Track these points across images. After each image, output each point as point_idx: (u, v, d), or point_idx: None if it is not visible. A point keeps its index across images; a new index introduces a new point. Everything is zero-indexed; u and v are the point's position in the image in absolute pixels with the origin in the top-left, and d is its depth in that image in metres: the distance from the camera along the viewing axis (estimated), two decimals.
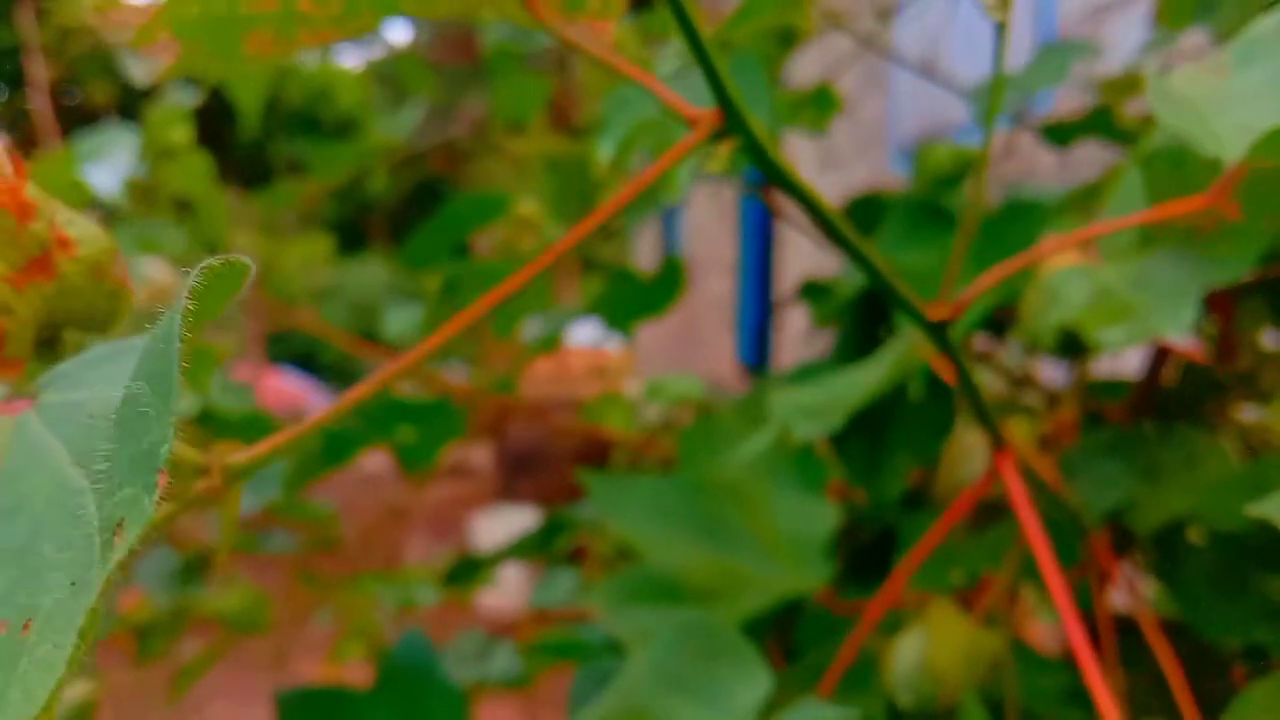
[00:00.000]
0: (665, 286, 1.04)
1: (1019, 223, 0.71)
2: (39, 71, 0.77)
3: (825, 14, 0.81)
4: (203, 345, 0.89)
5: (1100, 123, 0.69)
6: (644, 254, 5.61)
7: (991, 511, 0.60)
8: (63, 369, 0.18)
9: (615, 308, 1.04)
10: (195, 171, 0.78)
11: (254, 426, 0.94)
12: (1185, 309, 0.47)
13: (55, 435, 0.15)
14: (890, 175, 2.74)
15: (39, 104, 0.78)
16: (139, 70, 0.32)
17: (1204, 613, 0.67)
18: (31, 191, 0.21)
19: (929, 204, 0.75)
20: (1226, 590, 0.67)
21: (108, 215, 0.84)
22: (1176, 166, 0.50)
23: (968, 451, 0.58)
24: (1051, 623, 0.82)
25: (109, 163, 0.69)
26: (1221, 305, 0.67)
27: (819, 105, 0.83)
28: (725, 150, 0.27)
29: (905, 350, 0.54)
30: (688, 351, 4.64)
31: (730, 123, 0.27)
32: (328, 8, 0.31)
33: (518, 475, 3.62)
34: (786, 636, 0.74)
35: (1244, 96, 0.37)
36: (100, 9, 0.33)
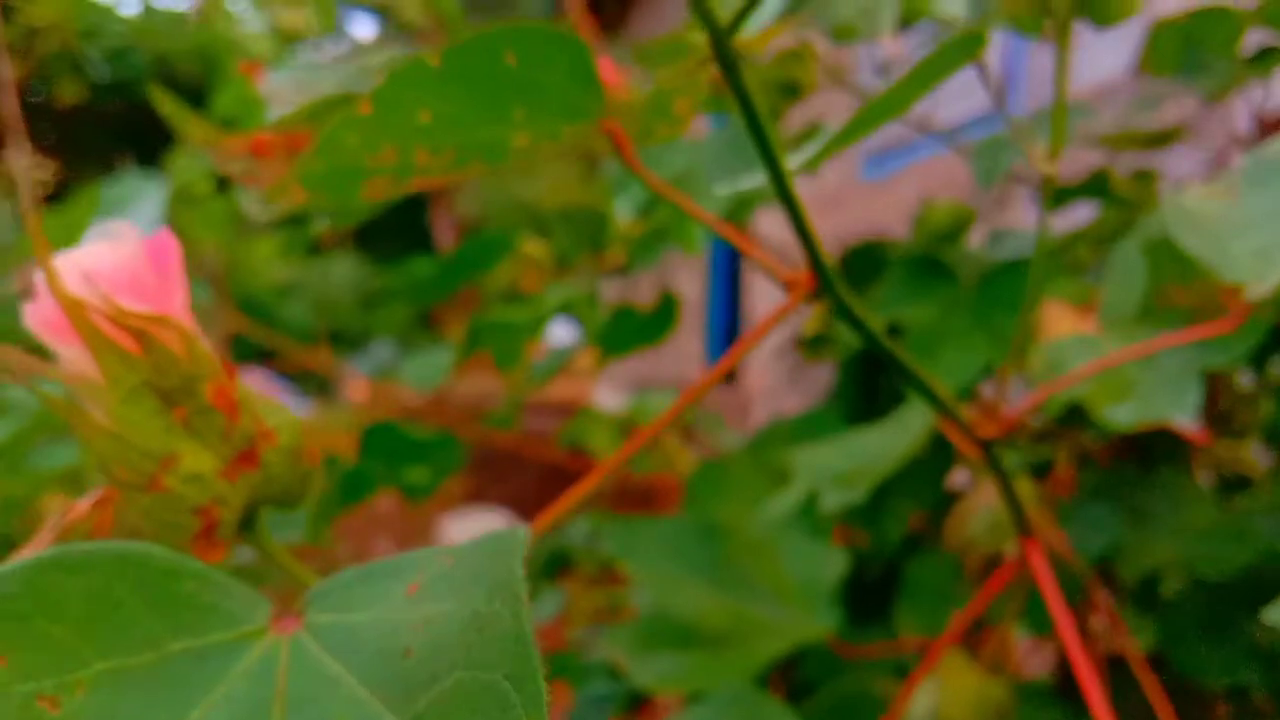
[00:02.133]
0: (661, 320, 1.07)
1: (1016, 281, 0.74)
2: (5, 70, 0.77)
3: (827, 70, 0.84)
4: None
5: (1097, 187, 0.73)
6: None
7: (994, 566, 0.64)
8: (323, 588, 0.20)
9: (614, 340, 1.06)
10: (216, 219, 0.79)
11: None
12: (1189, 392, 0.51)
13: (338, 660, 0.18)
14: (860, 184, 2.79)
15: (5, 103, 0.79)
16: (253, 206, 0.34)
17: (1190, 654, 0.71)
18: (239, 390, 0.23)
19: (928, 259, 0.78)
20: (1211, 633, 0.71)
21: None
22: (1179, 257, 0.54)
23: (975, 510, 0.62)
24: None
25: (136, 213, 0.71)
26: None
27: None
28: (819, 312, 0.30)
29: (928, 424, 0.57)
30: (657, 353, 4.66)
31: (822, 286, 0.30)
32: (441, 159, 0.33)
33: (489, 478, 3.62)
34: (790, 673, 0.77)
35: (1256, 220, 0.40)
36: (208, 141, 0.35)
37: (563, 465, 1.41)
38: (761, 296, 3.57)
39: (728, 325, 3.93)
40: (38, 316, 0.22)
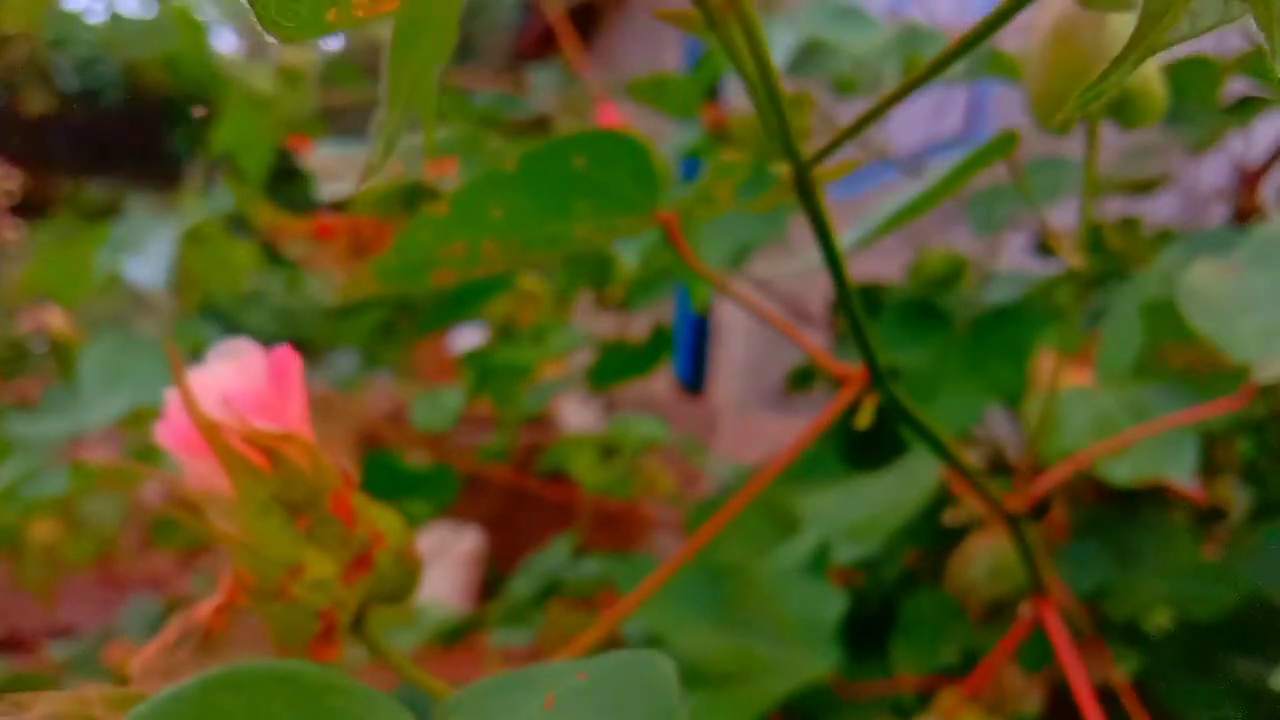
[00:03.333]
0: (652, 352, 1.09)
1: (1009, 328, 0.77)
2: None
3: (822, 118, 0.86)
4: None
5: (1091, 242, 0.75)
6: None
7: (995, 610, 0.66)
8: (459, 700, 0.21)
9: (605, 371, 1.08)
10: (222, 258, 0.80)
11: None
12: (1188, 452, 0.53)
13: None
14: (832, 202, 2.81)
15: None
16: (322, 292, 0.35)
17: (1175, 689, 0.73)
18: (356, 498, 0.25)
19: (923, 303, 0.80)
20: (1196, 670, 0.73)
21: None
22: (1179, 318, 0.56)
23: (976, 554, 0.64)
24: None
25: (148, 254, 0.72)
26: None
27: None
28: (870, 405, 0.32)
29: (937, 476, 0.59)
30: None
31: (875, 381, 0.32)
32: (507, 250, 0.35)
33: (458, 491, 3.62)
34: (792, 712, 0.79)
35: (1259, 299, 0.42)
36: (272, 224, 0.37)
37: (529, 483, 1.42)
38: (728, 312, 3.60)
39: (695, 340, 3.95)
40: (169, 434, 0.23)
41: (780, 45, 0.73)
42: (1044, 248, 0.82)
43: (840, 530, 0.59)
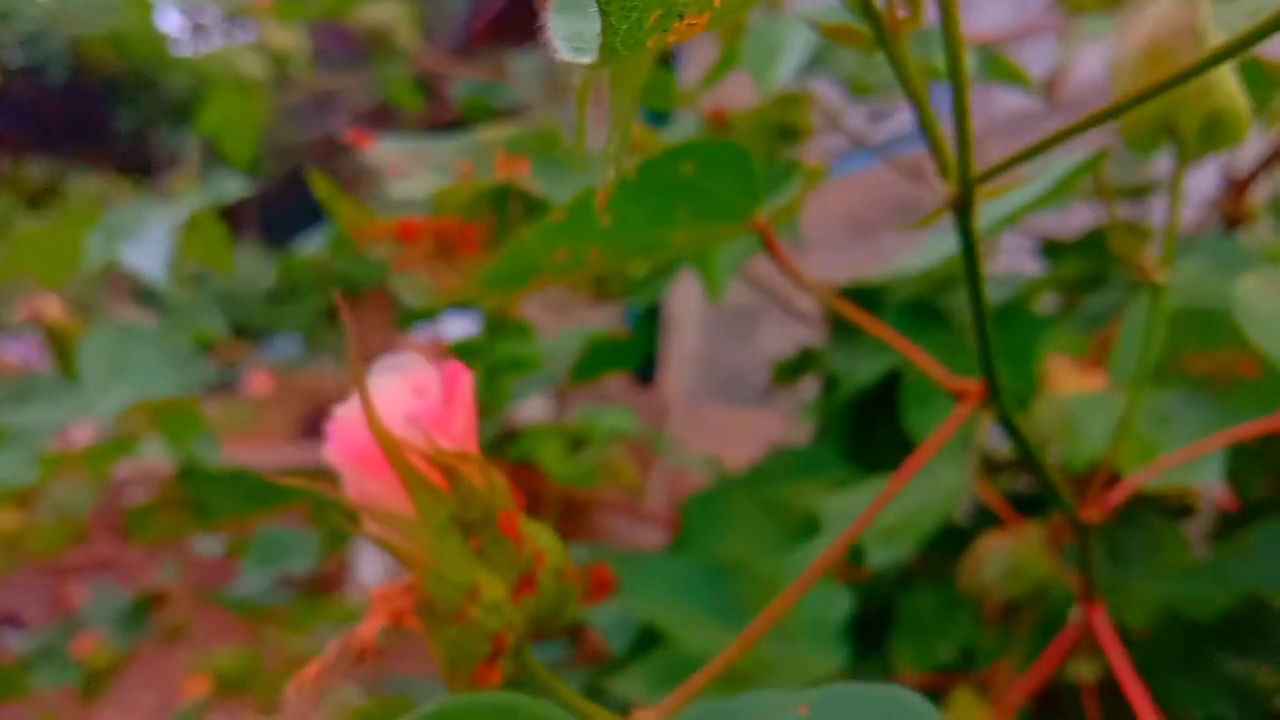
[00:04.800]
0: (638, 346, 1.09)
1: (1011, 330, 0.78)
2: None
3: (823, 114, 0.87)
4: (186, 403, 0.90)
5: (1093, 245, 0.76)
6: None
7: (1010, 610, 0.67)
8: (696, 710, 0.21)
9: (587, 366, 1.07)
10: (212, 241, 0.78)
11: (239, 481, 0.95)
12: (1217, 459, 0.54)
13: None
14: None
15: None
16: (408, 295, 0.34)
17: (1166, 686, 0.75)
18: (521, 520, 0.24)
19: (924, 304, 0.81)
20: (1190, 668, 0.75)
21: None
22: (1203, 326, 0.57)
23: (989, 556, 0.65)
24: None
25: (146, 242, 0.70)
26: None
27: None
28: (987, 419, 0.32)
29: (961, 480, 0.60)
30: None
31: (991, 396, 0.32)
32: (609, 256, 0.34)
33: None
34: None
35: None
36: (357, 223, 0.35)
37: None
38: (680, 297, 3.60)
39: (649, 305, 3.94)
40: (342, 449, 0.23)
41: (795, 45, 0.72)
42: (1045, 249, 0.83)
43: (871, 533, 0.59)
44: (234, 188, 0.75)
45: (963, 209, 0.26)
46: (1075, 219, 0.85)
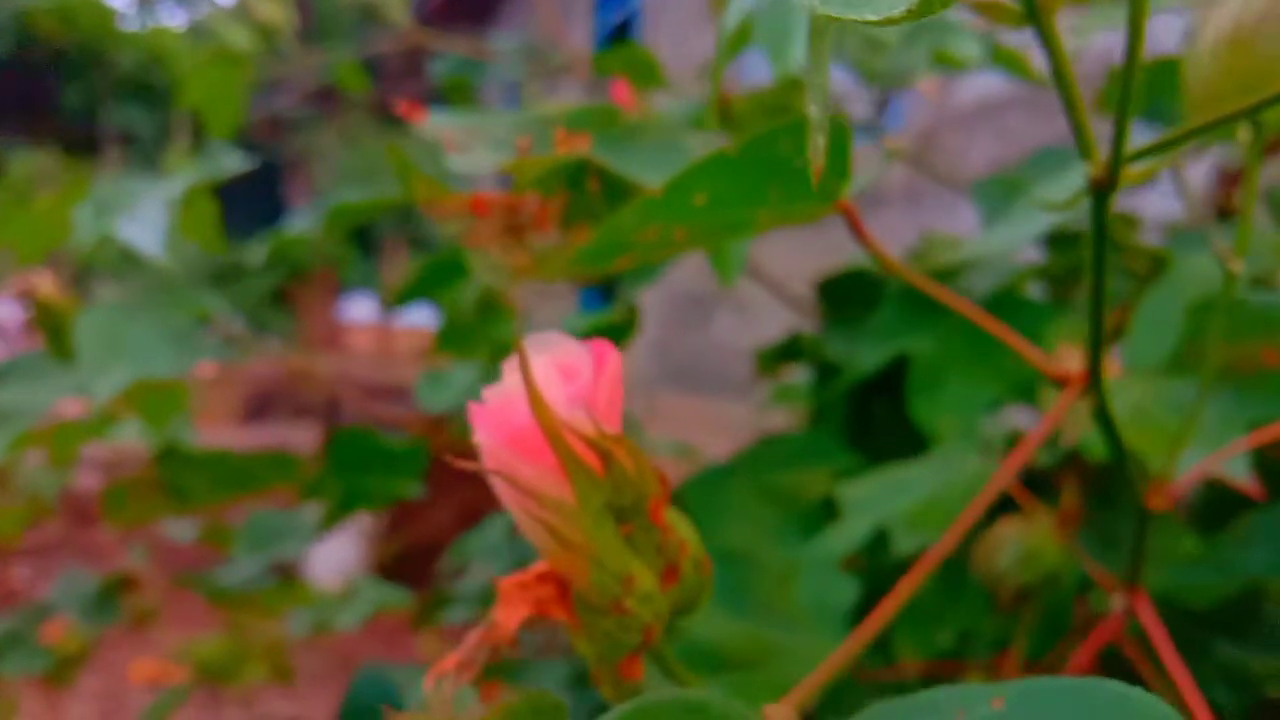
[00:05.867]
0: (624, 329, 1.08)
1: (1013, 317, 0.78)
2: None
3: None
4: (174, 383, 0.87)
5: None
6: None
7: (1023, 597, 0.67)
8: (882, 709, 0.20)
9: None
10: (205, 218, 0.76)
11: (219, 463, 0.92)
12: (1243, 457, 0.54)
13: None
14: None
15: None
16: (485, 272, 0.33)
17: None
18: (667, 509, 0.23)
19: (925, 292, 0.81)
20: (1186, 655, 0.76)
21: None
22: (1223, 316, 0.57)
23: (1001, 543, 0.65)
24: None
25: (140, 218, 0.67)
26: None
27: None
28: (1087, 407, 0.31)
29: (979, 466, 0.60)
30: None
31: (1093, 384, 0.32)
32: (695, 235, 0.33)
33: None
34: None
35: None
36: (430, 198, 0.34)
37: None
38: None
39: (601, 290, 3.93)
40: (497, 433, 0.21)
41: (803, 31, 0.72)
42: (1049, 240, 0.84)
43: (897, 520, 0.59)
44: (231, 163, 0.72)
45: (1103, 192, 0.26)
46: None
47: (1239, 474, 0.54)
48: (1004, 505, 0.69)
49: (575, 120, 0.41)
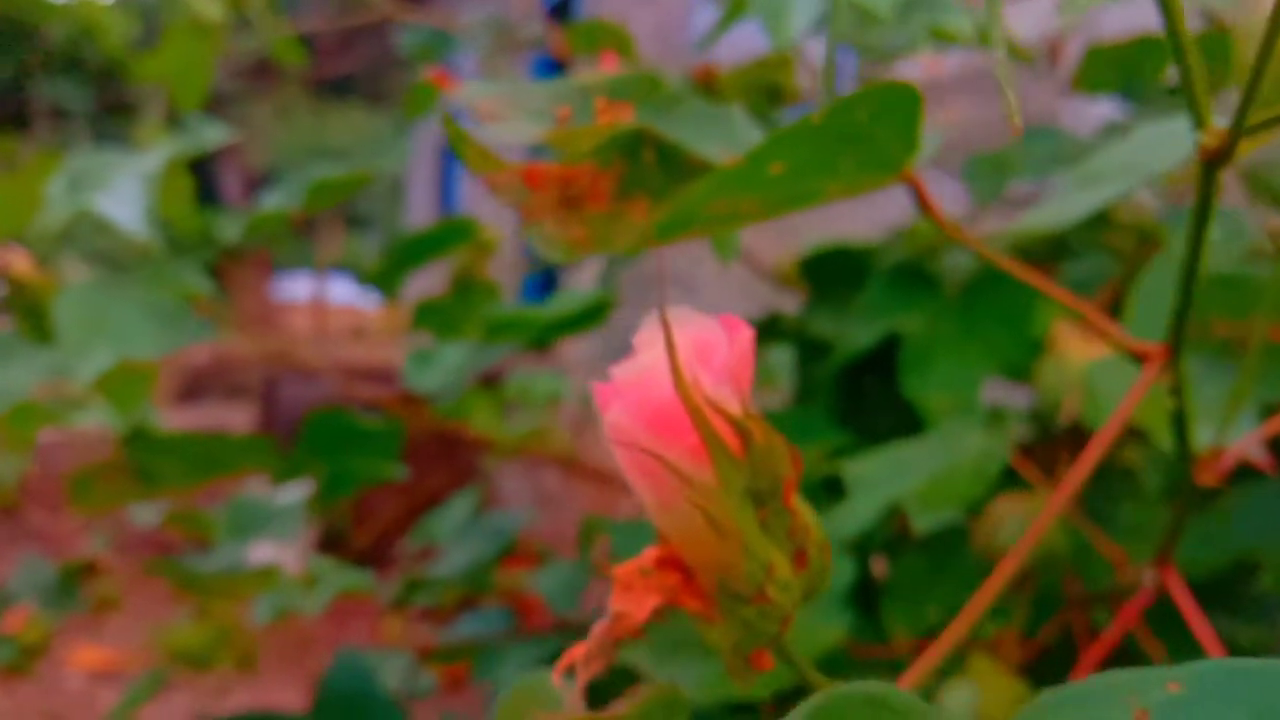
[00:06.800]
0: (596, 311, 1.06)
1: (1001, 294, 0.78)
2: None
3: (815, 75, 0.85)
4: (141, 364, 0.85)
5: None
6: (418, 206, 5.50)
7: (1025, 575, 0.67)
8: (1056, 696, 0.19)
9: (539, 334, 1.05)
10: (180, 194, 0.73)
11: (190, 446, 0.90)
12: (1250, 425, 0.55)
13: None
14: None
15: None
16: (541, 247, 0.31)
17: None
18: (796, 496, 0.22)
19: (913, 268, 0.81)
20: (1171, 627, 0.77)
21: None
22: (1228, 289, 0.58)
23: (1005, 520, 0.65)
24: None
25: (117, 192, 0.65)
26: None
27: None
28: (1169, 381, 0.31)
29: (984, 444, 0.60)
30: None
31: (1174, 360, 0.31)
32: (762, 206, 0.32)
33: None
34: None
35: None
36: (485, 169, 0.32)
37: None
38: (575, 269, 3.57)
39: (542, 296, 3.91)
40: (635, 413, 0.20)
41: (800, 3, 0.71)
42: None
43: (910, 498, 0.58)
44: (213, 134, 0.70)
45: (1215, 163, 0.25)
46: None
47: (1252, 451, 0.55)
48: (1005, 481, 0.69)
49: (616, 89, 0.40)
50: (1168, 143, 0.39)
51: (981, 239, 0.76)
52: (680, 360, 0.20)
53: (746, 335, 0.21)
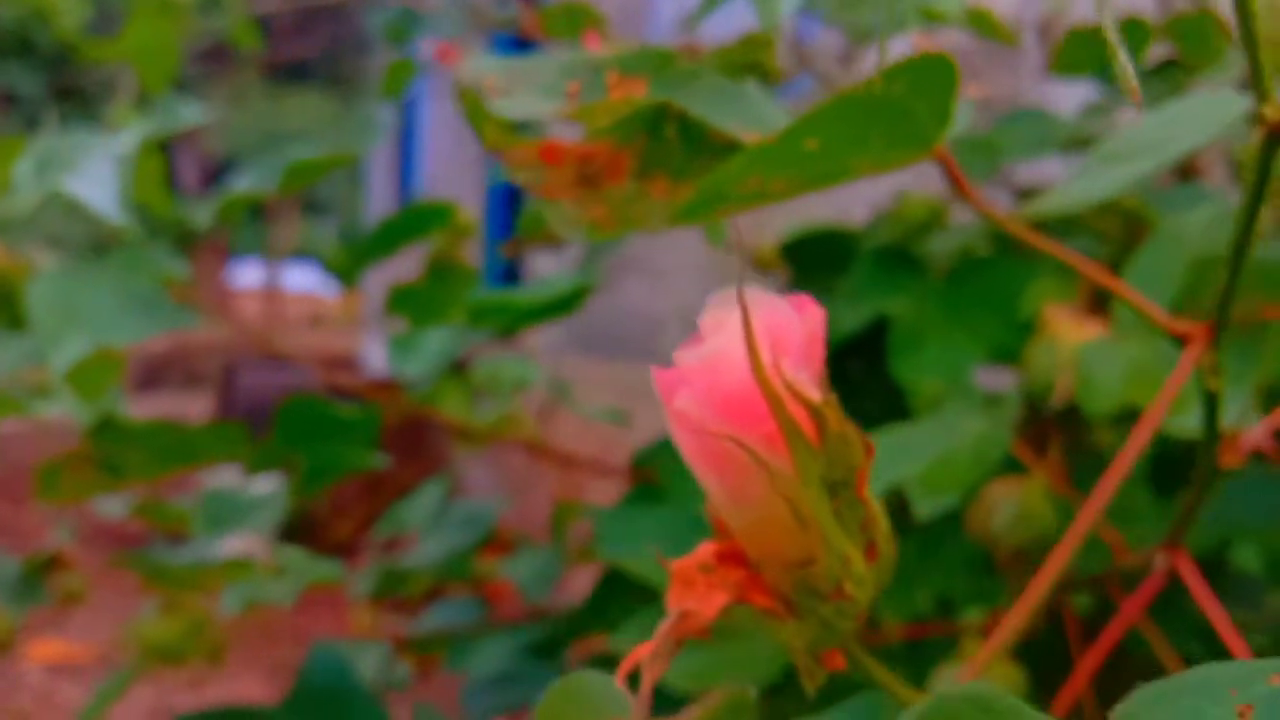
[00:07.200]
0: (573, 297, 1.05)
1: (988, 277, 0.77)
2: None
3: (799, 55, 0.84)
4: (109, 352, 0.82)
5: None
6: (378, 191, 5.44)
7: (1020, 557, 0.67)
8: (1124, 712, 0.18)
9: (518, 320, 1.03)
10: (151, 177, 0.71)
11: (160, 436, 0.88)
12: (1239, 399, 0.54)
13: None
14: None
15: None
16: (562, 227, 0.30)
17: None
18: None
19: (899, 251, 0.80)
20: (1158, 609, 0.77)
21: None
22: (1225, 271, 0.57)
23: (999, 503, 0.64)
24: None
25: (89, 174, 0.62)
26: None
27: None
28: (1210, 362, 0.30)
29: (983, 428, 0.59)
30: None
31: (1216, 339, 0.30)
32: (791, 185, 0.31)
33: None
34: None
35: None
36: (499, 145, 0.31)
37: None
38: (541, 254, 3.54)
39: (506, 281, 3.88)
40: (708, 398, 0.19)
41: None
42: (1023, 199, 0.83)
43: (911, 482, 0.57)
44: (189, 115, 0.67)
45: (1271, 144, 0.24)
46: (1049, 169, 0.85)
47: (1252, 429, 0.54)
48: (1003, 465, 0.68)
49: (629, 64, 0.38)
50: (1195, 119, 0.38)
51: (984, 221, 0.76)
52: (757, 344, 0.19)
53: (818, 315, 0.20)
